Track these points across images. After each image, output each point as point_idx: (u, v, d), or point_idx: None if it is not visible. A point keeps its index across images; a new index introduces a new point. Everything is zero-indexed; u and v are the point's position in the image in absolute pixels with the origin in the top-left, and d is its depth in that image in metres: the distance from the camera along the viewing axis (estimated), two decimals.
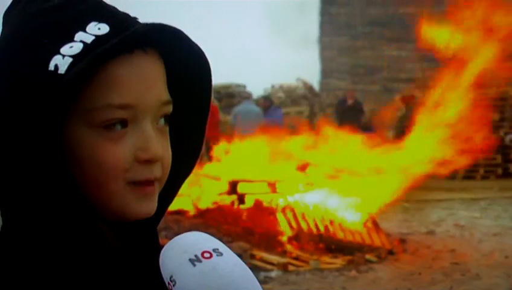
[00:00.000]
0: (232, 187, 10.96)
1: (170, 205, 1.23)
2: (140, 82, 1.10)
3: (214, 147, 12.81)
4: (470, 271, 9.09)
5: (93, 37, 1.09)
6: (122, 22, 1.12)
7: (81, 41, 1.08)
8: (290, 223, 10.22)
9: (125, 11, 1.16)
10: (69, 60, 1.07)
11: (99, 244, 1.11)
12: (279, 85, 23.38)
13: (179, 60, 1.16)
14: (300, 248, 9.90)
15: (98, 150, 1.09)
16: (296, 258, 9.62)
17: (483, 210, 13.38)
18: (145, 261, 1.17)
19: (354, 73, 24.76)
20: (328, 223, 10.23)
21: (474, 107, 12.35)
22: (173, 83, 1.16)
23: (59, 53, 1.08)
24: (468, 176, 16.97)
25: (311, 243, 10.00)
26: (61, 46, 1.08)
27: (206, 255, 1.04)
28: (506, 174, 17.59)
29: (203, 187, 11.01)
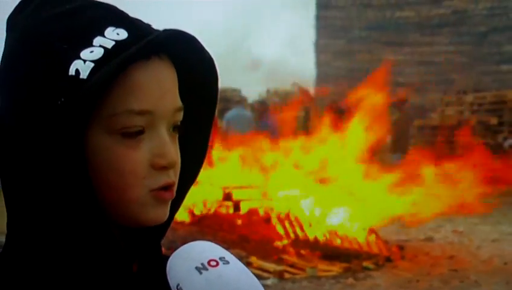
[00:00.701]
0: (227, 194, 10.97)
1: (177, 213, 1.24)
2: (157, 88, 1.11)
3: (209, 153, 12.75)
4: (468, 278, 9.04)
5: (113, 42, 1.09)
6: (139, 27, 1.13)
7: (101, 46, 1.08)
8: (286, 230, 10.19)
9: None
10: (91, 64, 1.07)
11: (113, 250, 1.11)
12: (274, 90, 23.39)
13: (190, 67, 1.16)
14: (297, 255, 9.85)
15: (117, 156, 1.09)
16: (292, 265, 9.57)
17: (482, 216, 13.31)
18: (153, 268, 1.18)
19: (350, 77, 24.77)
20: (325, 230, 10.20)
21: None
22: (182, 90, 1.16)
23: (79, 58, 1.07)
24: None
25: (308, 250, 9.95)
26: (80, 51, 1.08)
27: (212, 263, 1.05)
28: None
29: (198, 194, 10.97)
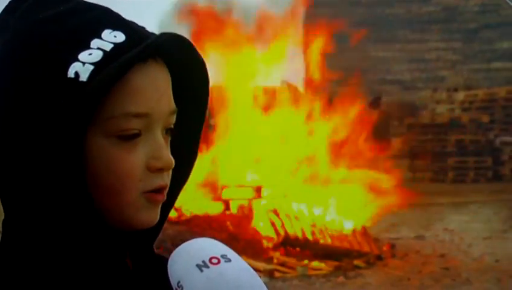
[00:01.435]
0: (217, 193, 10.95)
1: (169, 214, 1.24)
2: (154, 91, 1.11)
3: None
4: (460, 276, 9.01)
5: (111, 45, 1.08)
6: (135, 30, 1.12)
7: (99, 48, 1.08)
8: (276, 229, 10.16)
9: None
10: (90, 67, 1.06)
11: (109, 251, 1.11)
12: (263, 87, 23.31)
13: (182, 70, 1.17)
14: (287, 254, 9.82)
15: (114, 159, 1.09)
16: (282, 264, 9.52)
17: (474, 214, 13.31)
18: (149, 268, 1.18)
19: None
20: (315, 229, 10.17)
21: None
22: (174, 93, 1.16)
23: (77, 60, 1.07)
24: (458, 179, 16.96)
25: (298, 249, 9.92)
26: (78, 53, 1.07)
27: (213, 261, 1.04)
28: (497, 177, 17.58)
29: (188, 194, 10.94)
